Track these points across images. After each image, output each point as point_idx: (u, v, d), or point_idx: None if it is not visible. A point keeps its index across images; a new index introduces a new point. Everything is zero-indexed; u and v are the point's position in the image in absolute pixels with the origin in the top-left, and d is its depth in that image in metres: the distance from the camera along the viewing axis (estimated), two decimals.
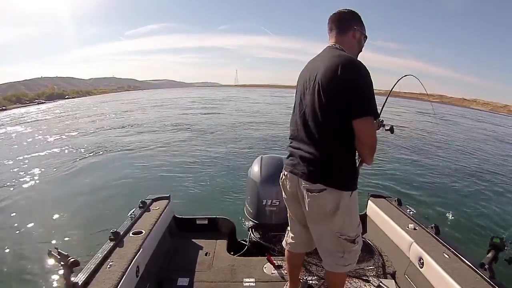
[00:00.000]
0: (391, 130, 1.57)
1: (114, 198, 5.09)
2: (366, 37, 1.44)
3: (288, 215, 1.63)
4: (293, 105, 1.47)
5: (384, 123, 1.57)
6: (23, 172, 7.04)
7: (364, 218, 2.50)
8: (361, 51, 1.45)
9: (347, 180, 1.32)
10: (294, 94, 1.49)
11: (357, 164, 1.38)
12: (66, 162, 7.95)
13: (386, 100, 1.83)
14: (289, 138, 1.48)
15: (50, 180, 6.53)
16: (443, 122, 22.86)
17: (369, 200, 2.50)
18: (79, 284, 1.36)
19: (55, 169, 7.30)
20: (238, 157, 7.89)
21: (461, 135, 15.55)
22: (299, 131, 1.39)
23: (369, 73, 1.24)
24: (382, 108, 1.71)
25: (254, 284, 1.89)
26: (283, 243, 1.72)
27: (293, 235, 1.64)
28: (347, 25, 1.38)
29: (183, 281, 1.91)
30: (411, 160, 8.16)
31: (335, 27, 1.40)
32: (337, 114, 1.25)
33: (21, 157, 8.73)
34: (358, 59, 1.41)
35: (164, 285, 1.90)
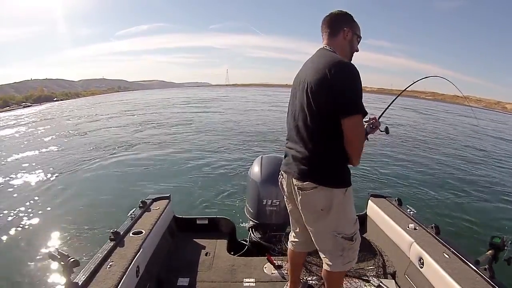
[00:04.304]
0: (386, 131, 1.55)
1: (114, 198, 5.03)
2: (359, 37, 1.44)
3: (289, 214, 1.63)
4: (288, 107, 1.50)
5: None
6: (21, 174, 6.89)
7: (364, 218, 2.51)
8: (355, 51, 1.44)
9: (338, 177, 1.32)
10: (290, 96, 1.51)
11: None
12: (65, 163, 7.78)
13: (392, 102, 1.81)
14: (286, 139, 1.51)
15: (50, 181, 6.39)
16: (442, 120, 22.94)
17: (369, 200, 2.51)
18: (79, 284, 1.34)
19: (54, 170, 7.14)
20: (238, 157, 7.84)
21: (461, 133, 15.57)
22: (291, 131, 1.43)
23: (357, 73, 1.24)
24: (385, 111, 1.70)
25: (254, 284, 1.88)
26: (288, 242, 1.71)
27: (294, 234, 1.64)
28: (338, 26, 1.39)
29: (183, 281, 1.90)
30: (411, 160, 8.18)
31: (327, 29, 1.41)
32: (325, 113, 1.26)
33: (16, 159, 8.55)
34: (352, 59, 1.43)
35: (164, 285, 1.88)
